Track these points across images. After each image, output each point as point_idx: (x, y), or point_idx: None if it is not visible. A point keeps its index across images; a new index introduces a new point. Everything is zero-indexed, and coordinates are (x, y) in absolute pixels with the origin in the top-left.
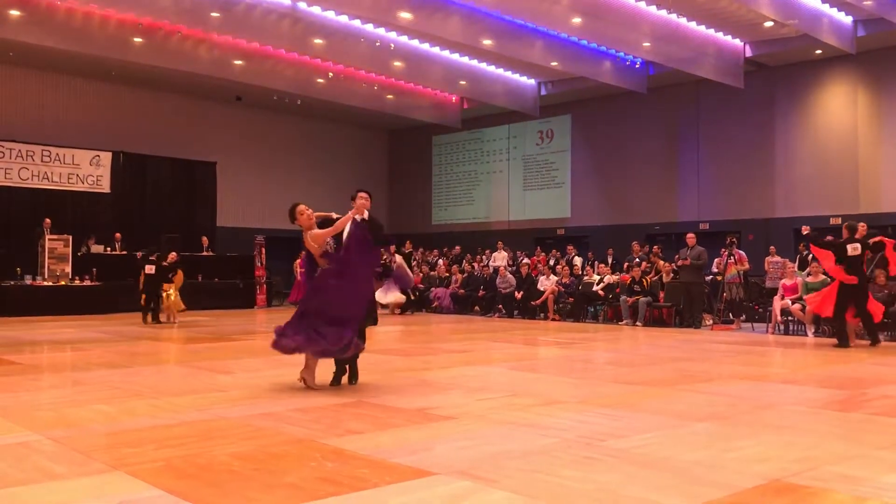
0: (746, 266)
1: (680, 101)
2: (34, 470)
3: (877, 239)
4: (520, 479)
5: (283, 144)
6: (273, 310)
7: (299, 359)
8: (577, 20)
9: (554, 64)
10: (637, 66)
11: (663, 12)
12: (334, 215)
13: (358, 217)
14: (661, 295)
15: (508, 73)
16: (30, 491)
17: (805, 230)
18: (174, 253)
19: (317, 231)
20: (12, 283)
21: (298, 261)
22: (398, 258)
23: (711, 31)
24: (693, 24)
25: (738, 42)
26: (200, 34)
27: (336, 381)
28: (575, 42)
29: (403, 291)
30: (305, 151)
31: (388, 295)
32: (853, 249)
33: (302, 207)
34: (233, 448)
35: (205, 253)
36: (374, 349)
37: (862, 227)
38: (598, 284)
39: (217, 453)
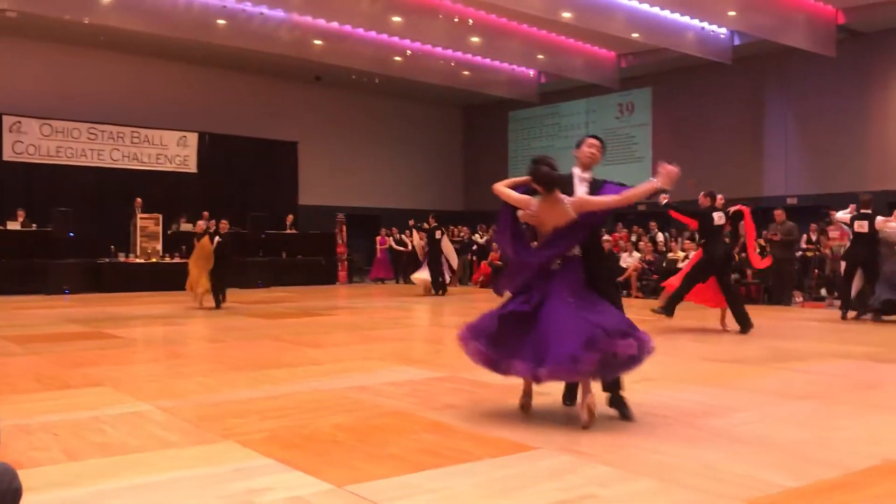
0: (846, 242)
1: (767, 71)
2: (150, 438)
3: (735, 208)
4: (621, 455)
5: (362, 122)
6: (354, 286)
7: (385, 333)
8: None
9: (635, 35)
10: (722, 35)
11: None
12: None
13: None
14: (749, 272)
15: (588, 46)
16: (149, 457)
17: (664, 199)
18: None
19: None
20: (107, 260)
21: (379, 237)
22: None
23: None
24: None
25: (829, 8)
26: (281, 15)
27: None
28: (657, 13)
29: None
30: (382, 129)
31: (421, 273)
32: (719, 218)
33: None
34: (334, 419)
35: (288, 231)
36: (454, 325)
37: (720, 197)
38: (683, 261)
39: (320, 424)
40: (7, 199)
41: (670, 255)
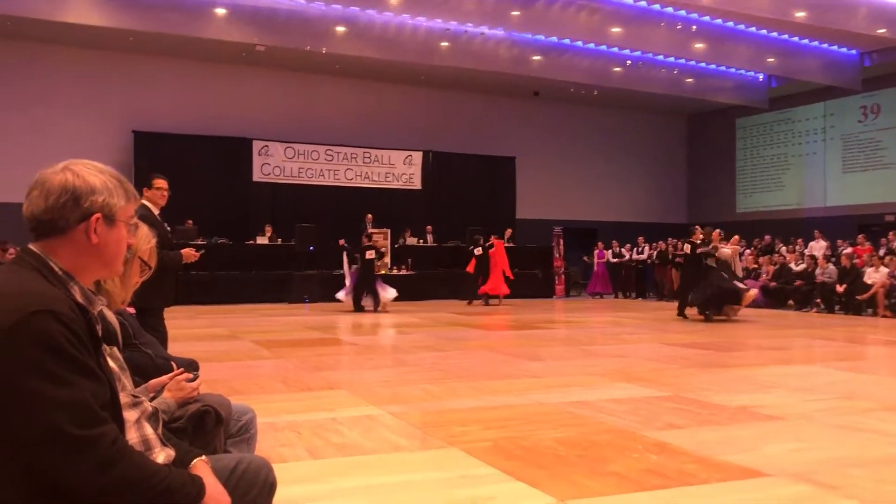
0: None
1: None
2: (381, 441)
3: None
4: (868, 490)
5: (579, 136)
6: (571, 300)
7: (604, 349)
8: None
9: (881, 31)
10: None
11: None
12: None
13: None
14: None
15: (824, 46)
16: (381, 459)
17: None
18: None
19: None
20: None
21: (597, 251)
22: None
23: None
24: None
25: None
26: (501, 34)
27: None
28: None
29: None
30: (601, 142)
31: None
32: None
33: None
34: (555, 433)
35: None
36: (677, 342)
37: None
38: None
39: (541, 437)
40: (257, 216)
41: None
